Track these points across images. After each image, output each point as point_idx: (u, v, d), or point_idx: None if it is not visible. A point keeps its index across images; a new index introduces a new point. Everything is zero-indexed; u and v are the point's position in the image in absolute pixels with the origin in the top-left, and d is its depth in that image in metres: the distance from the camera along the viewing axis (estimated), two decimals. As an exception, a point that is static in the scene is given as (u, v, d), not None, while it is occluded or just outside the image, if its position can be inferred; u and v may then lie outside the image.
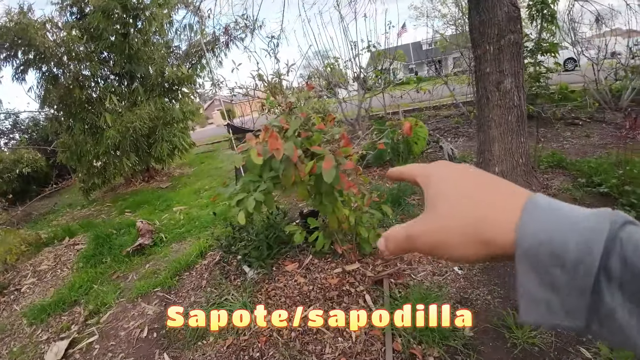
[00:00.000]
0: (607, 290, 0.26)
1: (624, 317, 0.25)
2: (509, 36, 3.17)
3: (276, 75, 5.09)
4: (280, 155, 1.42)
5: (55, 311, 3.32)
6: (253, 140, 1.52)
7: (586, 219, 0.28)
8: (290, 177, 1.66)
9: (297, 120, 1.76)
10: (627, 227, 0.27)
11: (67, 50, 6.89)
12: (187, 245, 4.14)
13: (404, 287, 2.37)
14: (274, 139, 1.42)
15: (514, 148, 3.36)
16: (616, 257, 0.26)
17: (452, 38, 8.66)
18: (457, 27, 8.31)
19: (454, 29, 8.67)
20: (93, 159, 7.33)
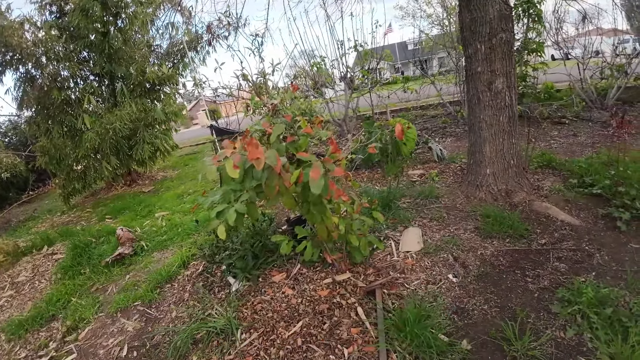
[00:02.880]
0: None
1: None
2: (500, 35, 3.09)
3: (261, 75, 4.93)
4: (261, 165, 1.29)
5: (33, 326, 3.18)
6: (229, 148, 1.37)
7: None
8: (274, 188, 1.54)
9: (280, 125, 1.62)
10: None
11: (45, 50, 6.62)
12: (169, 254, 3.97)
13: (397, 297, 2.26)
14: (254, 147, 1.29)
15: (506, 149, 3.30)
16: None
17: (437, 38, 8.63)
18: (442, 27, 8.26)
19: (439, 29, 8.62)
20: (73, 162, 7.06)
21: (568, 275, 2.29)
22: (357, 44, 6.66)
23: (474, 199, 3.40)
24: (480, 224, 3.02)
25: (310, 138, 1.78)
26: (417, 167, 4.56)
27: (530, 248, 2.67)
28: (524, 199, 3.27)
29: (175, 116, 8.00)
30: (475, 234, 2.91)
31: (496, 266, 2.50)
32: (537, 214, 3.11)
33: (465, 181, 3.64)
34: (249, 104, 5.04)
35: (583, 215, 3.01)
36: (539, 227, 2.93)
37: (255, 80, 4.95)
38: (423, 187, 3.85)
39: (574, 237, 2.72)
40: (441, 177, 4.14)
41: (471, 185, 3.52)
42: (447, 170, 4.32)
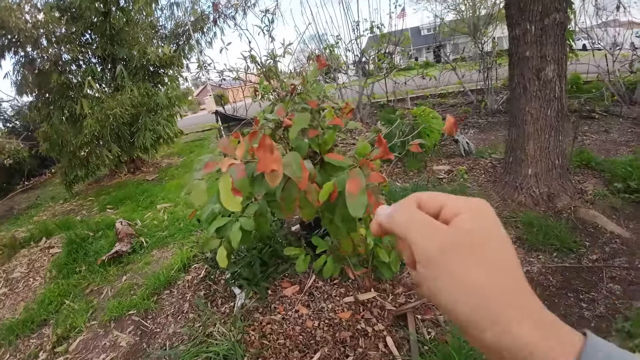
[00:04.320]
0: None
1: None
2: (554, 15, 2.65)
3: (270, 57, 4.50)
4: (277, 181, 0.89)
5: (23, 332, 2.92)
6: (227, 160, 0.88)
7: None
8: (293, 202, 1.16)
9: (304, 115, 1.21)
10: None
11: (45, 32, 6.25)
12: (169, 253, 3.65)
13: (433, 324, 1.90)
14: (267, 153, 0.88)
15: (551, 147, 2.88)
16: None
17: (452, 23, 8.11)
18: (457, 12, 7.73)
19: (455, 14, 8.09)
20: (75, 149, 6.75)
21: (624, 300, 1.99)
22: (373, 26, 6.16)
23: (512, 203, 3.00)
24: (522, 232, 2.64)
25: (337, 132, 1.38)
26: (442, 162, 4.14)
27: (581, 265, 2.33)
28: (569, 205, 2.88)
29: (180, 101, 7.61)
30: (518, 245, 2.53)
31: (546, 287, 2.13)
32: (584, 222, 2.73)
33: (502, 181, 3.23)
34: (257, 88, 4.62)
35: (633, 226, 2.66)
36: (588, 238, 2.58)
37: (264, 63, 4.53)
38: (452, 185, 3.45)
39: (625, 253, 2.40)
40: (471, 174, 3.73)
41: (509, 186, 3.11)
42: (477, 167, 3.90)
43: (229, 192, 0.82)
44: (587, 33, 6.64)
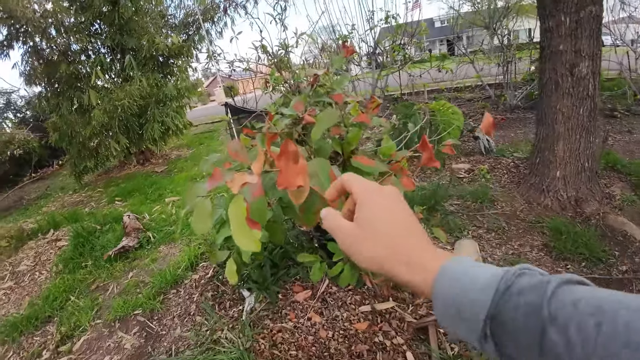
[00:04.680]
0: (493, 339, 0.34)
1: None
2: (590, 7, 2.46)
3: (282, 47, 4.33)
4: (302, 197, 0.72)
5: (27, 328, 2.85)
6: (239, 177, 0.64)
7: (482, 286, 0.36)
8: (315, 214, 1.01)
9: (332, 112, 1.05)
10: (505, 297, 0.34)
11: (54, 22, 6.16)
12: (176, 249, 3.55)
13: (457, 338, 1.75)
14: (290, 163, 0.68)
15: (582, 149, 2.70)
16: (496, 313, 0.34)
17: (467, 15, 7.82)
18: (473, 4, 7.45)
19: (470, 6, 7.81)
20: (85, 140, 6.69)
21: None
22: (388, 16, 5.94)
23: (538, 206, 2.83)
24: (549, 239, 2.47)
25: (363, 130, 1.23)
26: (462, 160, 3.96)
27: (610, 277, 2.17)
28: (597, 211, 2.71)
29: (189, 92, 7.49)
30: (545, 252, 2.36)
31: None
32: (613, 230, 2.55)
33: (527, 183, 3.04)
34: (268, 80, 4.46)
35: (663, 234, 2.47)
36: (617, 248, 2.42)
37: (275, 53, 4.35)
38: (473, 186, 3.28)
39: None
40: (493, 174, 3.54)
41: (535, 189, 2.93)
42: (499, 166, 3.71)
43: (243, 223, 0.61)
44: (608, 28, 6.34)
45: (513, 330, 0.33)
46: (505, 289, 0.35)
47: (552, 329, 0.30)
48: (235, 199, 0.61)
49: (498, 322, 0.34)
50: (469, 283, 0.37)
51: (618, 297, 0.30)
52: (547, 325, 0.31)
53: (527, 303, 0.33)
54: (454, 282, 0.38)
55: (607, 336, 0.28)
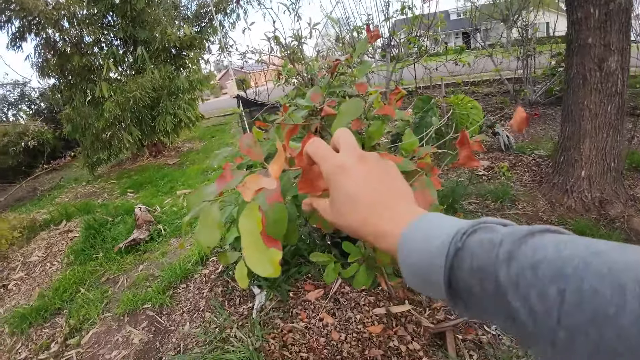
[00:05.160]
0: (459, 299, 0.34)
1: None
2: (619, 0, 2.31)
3: (296, 38, 4.23)
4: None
5: (37, 320, 2.85)
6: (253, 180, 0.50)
7: (435, 251, 0.34)
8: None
9: (356, 101, 0.94)
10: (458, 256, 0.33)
11: (66, 14, 6.16)
12: (187, 242, 3.51)
13: (475, 345, 1.67)
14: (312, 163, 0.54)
15: (608, 148, 2.56)
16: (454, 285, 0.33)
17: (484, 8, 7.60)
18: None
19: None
20: (98, 132, 6.72)
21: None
22: (405, 6, 5.77)
23: (560, 207, 2.70)
24: (573, 241, 2.35)
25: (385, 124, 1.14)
26: (480, 157, 3.83)
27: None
28: (622, 213, 2.57)
29: (201, 84, 7.45)
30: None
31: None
32: (638, 234, 2.43)
33: (550, 182, 2.91)
34: (280, 72, 4.36)
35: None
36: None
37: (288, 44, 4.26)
38: (493, 184, 3.15)
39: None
40: (513, 172, 3.41)
41: (558, 188, 2.80)
42: (519, 164, 3.57)
43: (258, 239, 0.47)
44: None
45: (474, 295, 0.32)
46: (455, 252, 0.33)
47: (513, 296, 0.28)
48: (247, 207, 0.49)
49: (458, 287, 0.33)
50: (425, 245, 0.35)
51: (584, 254, 0.26)
52: (507, 291, 0.28)
53: (479, 268, 0.31)
54: (413, 247, 0.37)
55: (571, 304, 0.25)
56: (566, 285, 0.25)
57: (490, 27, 7.84)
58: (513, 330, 0.30)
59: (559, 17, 6.63)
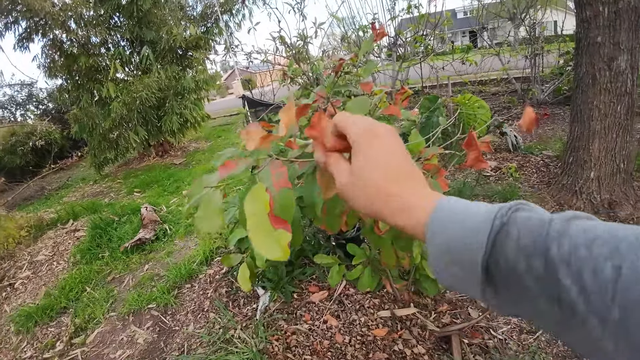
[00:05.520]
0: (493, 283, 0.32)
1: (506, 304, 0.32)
2: None
3: (301, 38, 4.22)
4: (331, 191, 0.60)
5: (42, 319, 2.87)
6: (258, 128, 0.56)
7: (474, 229, 0.32)
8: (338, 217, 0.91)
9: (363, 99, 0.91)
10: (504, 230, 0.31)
11: (73, 15, 6.21)
12: (192, 242, 3.53)
13: (481, 349, 1.64)
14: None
15: (618, 148, 2.52)
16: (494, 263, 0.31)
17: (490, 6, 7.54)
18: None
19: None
20: (105, 132, 6.76)
21: None
22: (410, 5, 5.74)
23: (569, 209, 2.65)
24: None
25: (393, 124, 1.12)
26: (487, 157, 3.78)
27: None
28: (631, 215, 2.54)
29: (207, 85, 7.47)
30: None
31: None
32: (646, 237, 2.36)
33: (559, 183, 2.87)
34: (285, 72, 4.36)
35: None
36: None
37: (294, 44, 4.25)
38: (501, 185, 3.11)
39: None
40: (521, 172, 3.36)
41: (567, 190, 2.76)
42: (528, 165, 3.52)
43: (265, 221, 0.44)
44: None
45: (516, 274, 0.30)
46: (500, 227, 0.31)
47: (564, 274, 0.27)
48: (253, 189, 0.46)
49: (497, 267, 0.31)
50: (460, 224, 0.34)
51: (638, 233, 0.26)
52: (557, 269, 0.27)
53: (528, 244, 0.29)
54: (446, 224, 0.35)
55: (628, 281, 0.24)
56: (622, 262, 0.25)
57: (498, 26, 7.76)
58: (553, 316, 0.28)
59: (566, 15, 6.55)
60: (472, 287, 0.33)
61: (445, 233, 0.34)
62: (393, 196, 0.39)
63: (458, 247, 0.33)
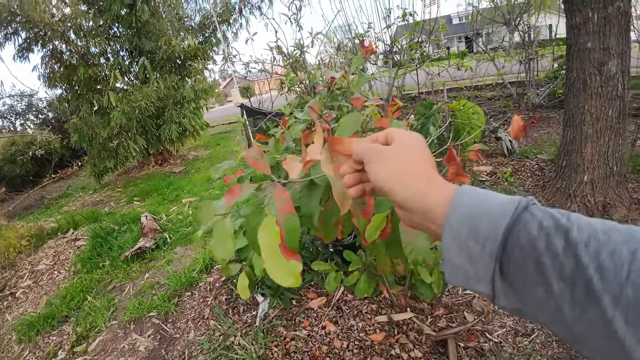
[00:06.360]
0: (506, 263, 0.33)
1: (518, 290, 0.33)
2: (617, 3, 2.34)
3: (298, 47, 4.28)
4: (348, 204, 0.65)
5: (44, 328, 2.89)
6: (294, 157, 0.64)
7: (498, 204, 0.35)
8: (334, 226, 0.95)
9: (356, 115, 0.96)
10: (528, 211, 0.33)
11: (72, 26, 6.29)
12: (192, 251, 3.55)
13: (477, 353, 1.67)
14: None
15: (610, 151, 2.56)
16: (513, 237, 0.33)
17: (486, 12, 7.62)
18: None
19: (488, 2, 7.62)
20: (105, 141, 6.80)
21: None
22: (406, 13, 5.82)
23: (564, 212, 2.70)
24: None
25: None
26: (483, 162, 3.83)
27: None
28: (625, 217, 2.57)
29: (206, 94, 7.53)
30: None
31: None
32: (640, 237, 2.40)
33: (553, 187, 2.91)
34: (283, 81, 4.42)
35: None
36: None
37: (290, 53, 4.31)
38: (496, 189, 3.14)
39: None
40: (516, 177, 3.40)
41: (561, 193, 2.80)
42: (523, 169, 3.56)
43: (277, 252, 0.50)
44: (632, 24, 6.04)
45: (533, 251, 0.31)
46: (525, 206, 0.34)
47: (583, 252, 0.29)
48: (265, 221, 0.52)
49: (517, 242, 0.32)
50: (489, 198, 0.36)
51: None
52: (577, 247, 0.29)
53: (549, 225, 0.31)
54: (472, 199, 0.37)
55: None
56: (638, 247, 0.28)
57: (492, 31, 7.85)
58: (565, 298, 0.30)
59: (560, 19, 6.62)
60: (483, 269, 0.34)
61: (469, 205, 0.36)
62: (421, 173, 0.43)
63: (480, 217, 0.34)
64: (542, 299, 0.31)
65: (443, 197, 0.39)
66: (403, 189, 0.42)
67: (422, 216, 0.41)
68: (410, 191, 0.41)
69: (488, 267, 0.33)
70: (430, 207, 0.39)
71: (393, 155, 0.46)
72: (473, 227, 0.35)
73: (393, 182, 0.43)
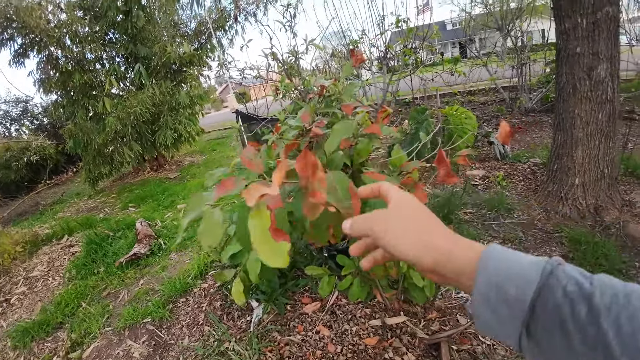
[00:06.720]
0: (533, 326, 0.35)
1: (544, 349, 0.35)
2: (606, 8, 2.39)
3: (292, 54, 4.32)
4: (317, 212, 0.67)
5: (39, 335, 2.88)
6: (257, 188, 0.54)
7: (525, 268, 0.37)
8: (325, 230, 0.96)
9: (347, 123, 0.98)
10: (554, 276, 0.35)
11: (68, 32, 6.30)
12: (187, 257, 3.55)
13: (470, 355, 1.68)
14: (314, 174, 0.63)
15: (601, 155, 2.60)
16: (540, 303, 0.34)
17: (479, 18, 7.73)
18: (485, 5, 7.37)
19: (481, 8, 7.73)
20: (100, 147, 6.79)
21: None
22: (399, 20, 5.88)
23: (556, 215, 2.73)
24: (567, 250, 2.37)
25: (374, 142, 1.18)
26: (476, 166, 3.87)
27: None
28: (617, 219, 2.60)
29: (202, 100, 7.55)
30: (564, 264, 2.26)
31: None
32: (633, 239, 2.44)
33: (545, 190, 2.95)
34: (278, 87, 4.45)
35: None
36: (637, 258, 2.31)
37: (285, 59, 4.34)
38: (489, 193, 3.19)
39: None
40: (509, 180, 3.44)
41: (553, 196, 2.83)
42: (515, 173, 3.60)
43: (267, 235, 0.52)
44: (623, 27, 6.15)
45: (559, 317, 0.33)
46: (550, 272, 0.35)
47: (605, 318, 0.31)
48: (255, 208, 0.53)
49: (544, 308, 0.34)
50: (514, 263, 0.38)
51: None
52: (599, 314, 0.31)
53: (574, 291, 0.33)
54: (498, 263, 0.38)
55: None
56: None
57: (485, 37, 7.95)
58: (586, 358, 0.32)
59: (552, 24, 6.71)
60: (512, 329, 0.36)
61: (496, 269, 0.38)
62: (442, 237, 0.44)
63: (508, 284, 0.36)
64: (565, 359, 0.33)
65: (468, 259, 0.40)
66: (428, 254, 0.43)
67: (455, 278, 0.42)
68: (435, 255, 0.42)
69: (516, 329, 0.36)
70: (461, 269, 0.41)
71: (401, 221, 0.46)
72: (501, 293, 0.36)
73: (416, 249, 0.44)
